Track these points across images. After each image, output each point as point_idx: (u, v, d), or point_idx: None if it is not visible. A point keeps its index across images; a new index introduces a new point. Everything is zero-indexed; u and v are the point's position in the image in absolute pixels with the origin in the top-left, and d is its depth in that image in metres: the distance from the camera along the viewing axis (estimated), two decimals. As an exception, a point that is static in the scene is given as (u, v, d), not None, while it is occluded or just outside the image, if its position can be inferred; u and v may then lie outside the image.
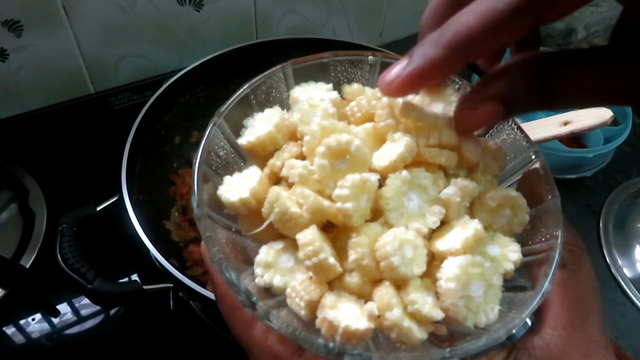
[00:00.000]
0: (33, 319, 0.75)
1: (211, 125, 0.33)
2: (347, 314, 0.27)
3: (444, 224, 0.31)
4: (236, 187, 0.31)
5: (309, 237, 0.28)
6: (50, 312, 0.76)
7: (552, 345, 0.28)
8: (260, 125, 0.33)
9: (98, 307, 0.77)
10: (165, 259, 0.60)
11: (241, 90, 0.34)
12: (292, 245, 0.30)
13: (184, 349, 0.74)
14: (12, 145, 0.92)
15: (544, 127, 0.65)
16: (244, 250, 0.32)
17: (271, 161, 0.32)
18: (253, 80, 0.35)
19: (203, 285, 0.58)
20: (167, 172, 0.85)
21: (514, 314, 0.28)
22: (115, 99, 1.00)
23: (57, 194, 0.86)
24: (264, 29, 1.08)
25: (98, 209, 0.66)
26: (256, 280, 0.30)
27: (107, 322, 0.77)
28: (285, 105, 0.35)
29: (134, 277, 0.79)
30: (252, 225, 0.31)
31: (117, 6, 0.91)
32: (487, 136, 0.35)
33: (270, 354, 0.29)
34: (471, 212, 0.32)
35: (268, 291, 0.30)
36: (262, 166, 0.33)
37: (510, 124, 0.34)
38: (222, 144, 0.34)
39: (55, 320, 0.76)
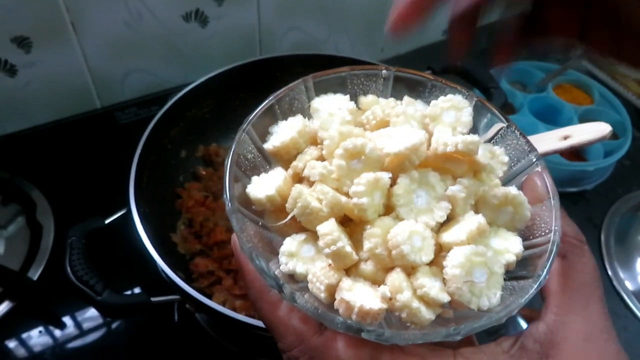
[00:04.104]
0: (40, 331, 0.76)
1: (240, 131, 0.36)
2: (362, 296, 0.30)
3: (451, 219, 0.34)
4: (263, 186, 0.35)
5: (328, 228, 0.31)
6: (55, 324, 0.77)
7: (555, 330, 0.30)
8: (284, 132, 0.37)
9: (101, 320, 0.78)
10: (172, 271, 0.61)
11: (267, 100, 0.37)
12: (313, 238, 0.33)
13: (189, 361, 0.75)
14: (19, 159, 0.94)
15: (544, 141, 0.66)
16: (269, 242, 0.35)
17: (294, 163, 0.36)
18: (277, 92, 0.38)
19: (209, 297, 0.59)
20: (173, 186, 0.86)
21: (514, 298, 0.31)
22: (121, 114, 1.02)
23: (64, 207, 0.87)
24: (267, 45, 1.10)
25: (106, 222, 0.67)
26: (281, 267, 0.33)
27: (111, 335, 0.77)
28: (306, 114, 0.38)
29: (141, 289, 0.80)
30: (277, 219, 0.35)
31: (124, 23, 0.93)
32: (492, 142, 0.38)
33: (294, 332, 0.32)
34: (476, 209, 0.34)
35: (291, 278, 0.33)
36: (285, 168, 0.36)
37: (513, 130, 0.37)
38: (250, 148, 0.37)
39: (58, 334, 0.76)
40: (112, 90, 1.02)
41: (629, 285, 0.87)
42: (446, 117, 0.36)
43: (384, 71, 0.39)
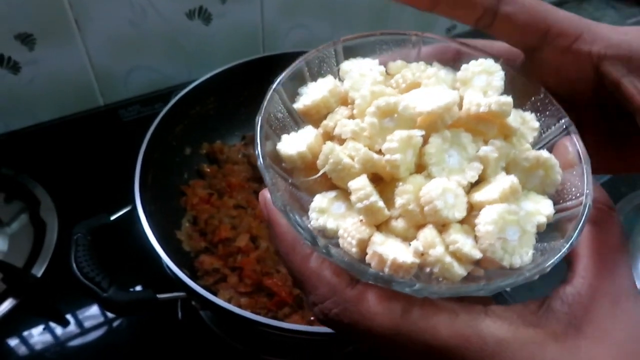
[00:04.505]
0: (44, 328, 0.76)
1: (271, 90, 0.35)
2: (395, 250, 0.30)
3: (482, 180, 0.33)
4: (294, 143, 0.34)
5: (361, 183, 0.31)
6: (59, 321, 0.77)
7: (583, 292, 0.30)
8: (314, 91, 0.36)
9: (104, 318, 0.78)
10: (178, 268, 0.61)
11: (297, 62, 0.37)
12: (343, 195, 0.33)
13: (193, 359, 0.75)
14: (23, 156, 0.94)
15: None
16: (298, 200, 0.35)
17: (325, 122, 0.35)
18: (306, 54, 0.38)
19: (215, 294, 0.59)
20: (177, 183, 0.86)
21: (545, 258, 0.31)
22: (125, 111, 1.02)
23: (68, 204, 0.87)
24: (270, 43, 1.10)
25: (112, 218, 0.67)
26: (312, 222, 0.32)
27: (114, 333, 0.77)
28: (335, 78, 0.38)
29: (146, 286, 0.80)
30: (307, 177, 0.34)
31: (128, 20, 0.93)
32: (523, 108, 0.38)
33: (327, 284, 0.31)
34: (507, 172, 0.34)
35: (321, 234, 0.33)
36: (316, 128, 0.36)
37: (545, 96, 0.37)
38: (280, 108, 0.36)
39: (62, 331, 0.76)
40: (115, 87, 1.01)
41: (633, 283, 0.87)
42: (477, 81, 0.35)
43: (413, 37, 0.39)
